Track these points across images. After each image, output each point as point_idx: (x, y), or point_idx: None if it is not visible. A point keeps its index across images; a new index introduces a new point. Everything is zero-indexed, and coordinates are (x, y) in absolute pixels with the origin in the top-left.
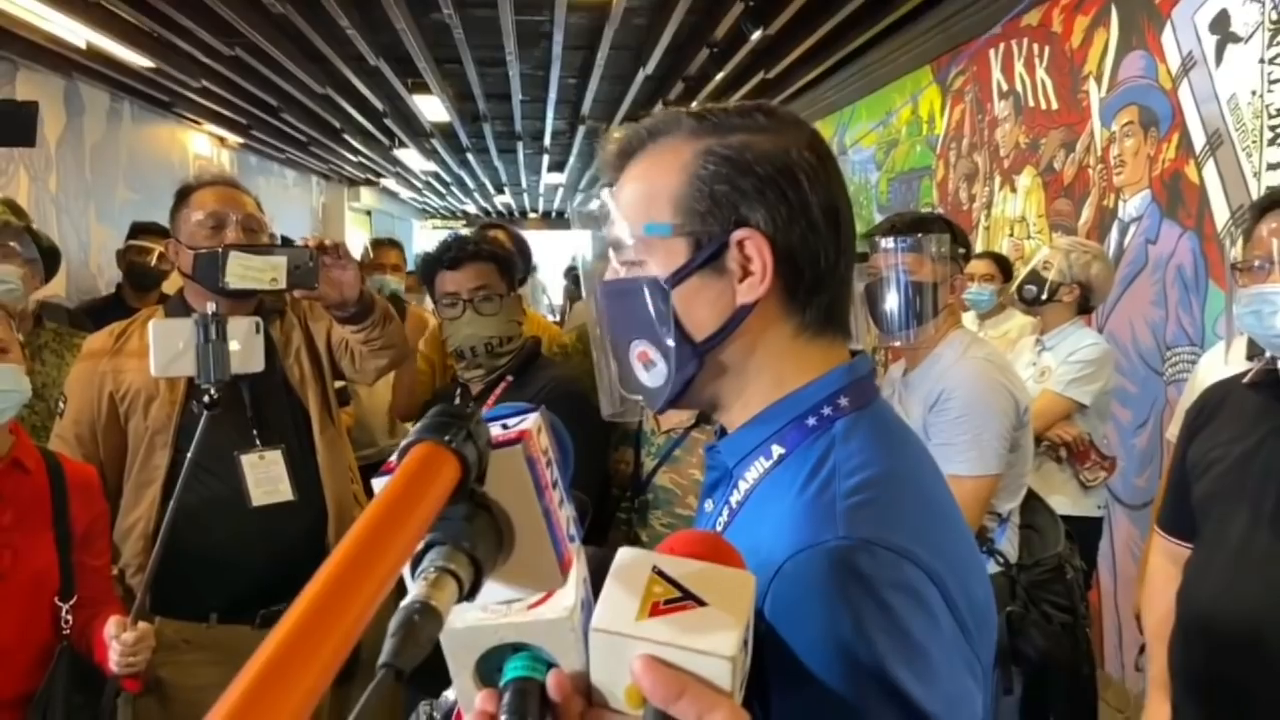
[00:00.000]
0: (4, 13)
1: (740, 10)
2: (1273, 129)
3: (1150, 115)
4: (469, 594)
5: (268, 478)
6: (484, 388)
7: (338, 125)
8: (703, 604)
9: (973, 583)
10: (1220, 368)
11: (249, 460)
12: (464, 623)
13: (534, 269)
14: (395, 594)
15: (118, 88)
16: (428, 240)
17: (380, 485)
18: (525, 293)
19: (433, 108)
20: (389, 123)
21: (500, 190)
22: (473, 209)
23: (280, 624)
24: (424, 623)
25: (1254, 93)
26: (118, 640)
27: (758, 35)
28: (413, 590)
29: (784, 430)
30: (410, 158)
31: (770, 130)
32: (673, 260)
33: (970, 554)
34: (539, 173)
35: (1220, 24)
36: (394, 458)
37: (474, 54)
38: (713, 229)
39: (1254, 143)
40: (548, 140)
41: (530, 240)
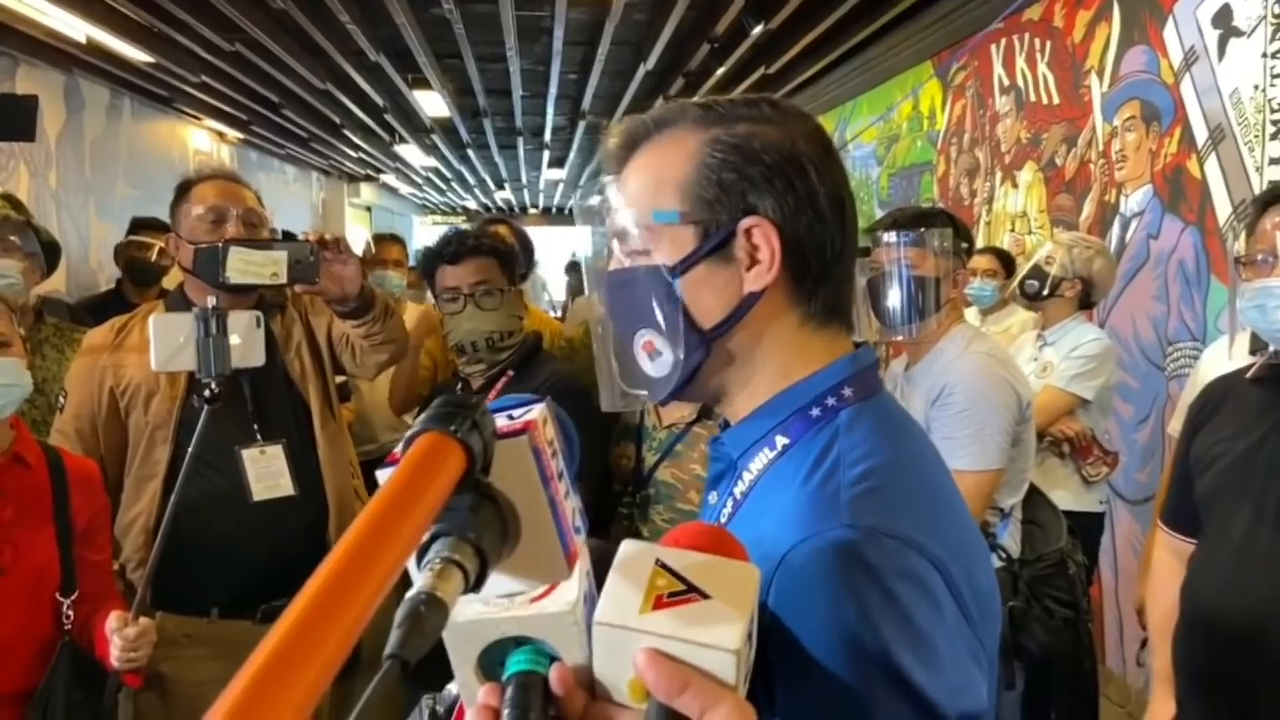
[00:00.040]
0: (4, 8)
1: (741, 5)
2: (1275, 123)
3: (1152, 110)
4: (474, 585)
5: (268, 472)
6: (485, 382)
7: (338, 121)
8: (706, 597)
9: (977, 571)
10: (1223, 362)
11: (250, 455)
12: (466, 616)
13: (535, 264)
14: (396, 588)
15: (118, 83)
16: (428, 236)
17: (385, 476)
18: (526, 288)
19: (433, 103)
20: (389, 118)
21: (500, 186)
22: (473, 205)
23: (285, 615)
24: (430, 614)
25: (1256, 87)
26: (119, 635)
27: (759, 30)
28: (418, 581)
29: (788, 421)
30: (410, 153)
31: (776, 121)
32: (680, 248)
33: (974, 543)
34: (539, 168)
35: (1222, 18)
36: (399, 448)
37: (474, 49)
38: (720, 217)
39: (1256, 137)
40: (548, 136)
41: (531, 236)
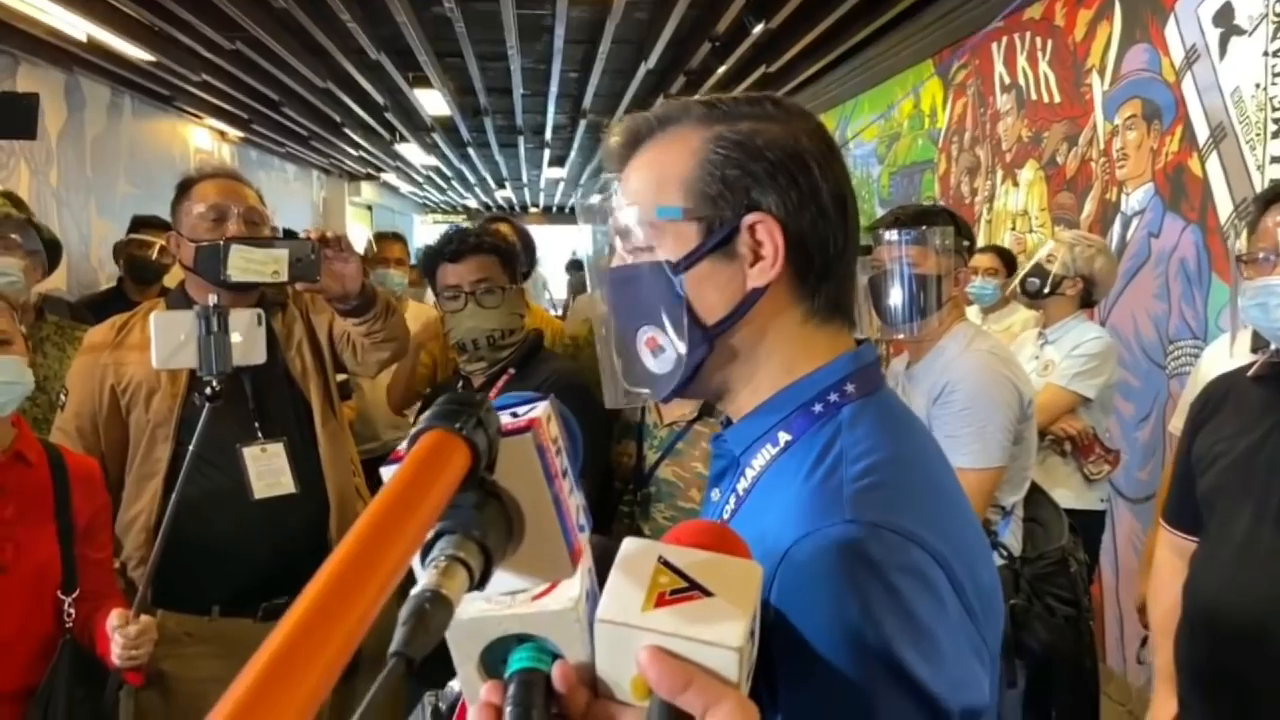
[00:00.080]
0: (5, 6)
1: (742, 4)
2: (1277, 121)
3: (1153, 108)
4: (479, 583)
5: (269, 470)
6: (486, 381)
7: (338, 119)
8: (709, 594)
9: (979, 567)
10: (1224, 360)
11: (251, 453)
12: (468, 614)
13: (536, 262)
14: (398, 586)
15: (118, 82)
16: (428, 235)
17: (390, 473)
18: (527, 287)
19: (434, 102)
20: (390, 117)
21: (501, 185)
22: (473, 204)
23: (289, 613)
24: (435, 611)
25: (1258, 85)
26: (120, 633)
27: (759, 29)
28: (423, 579)
29: (791, 417)
30: (411, 152)
31: (779, 118)
32: (683, 244)
33: (976, 539)
34: (540, 167)
35: (1224, 16)
36: (403, 445)
37: (475, 48)
38: (724, 213)
39: (1258, 135)
40: (549, 135)
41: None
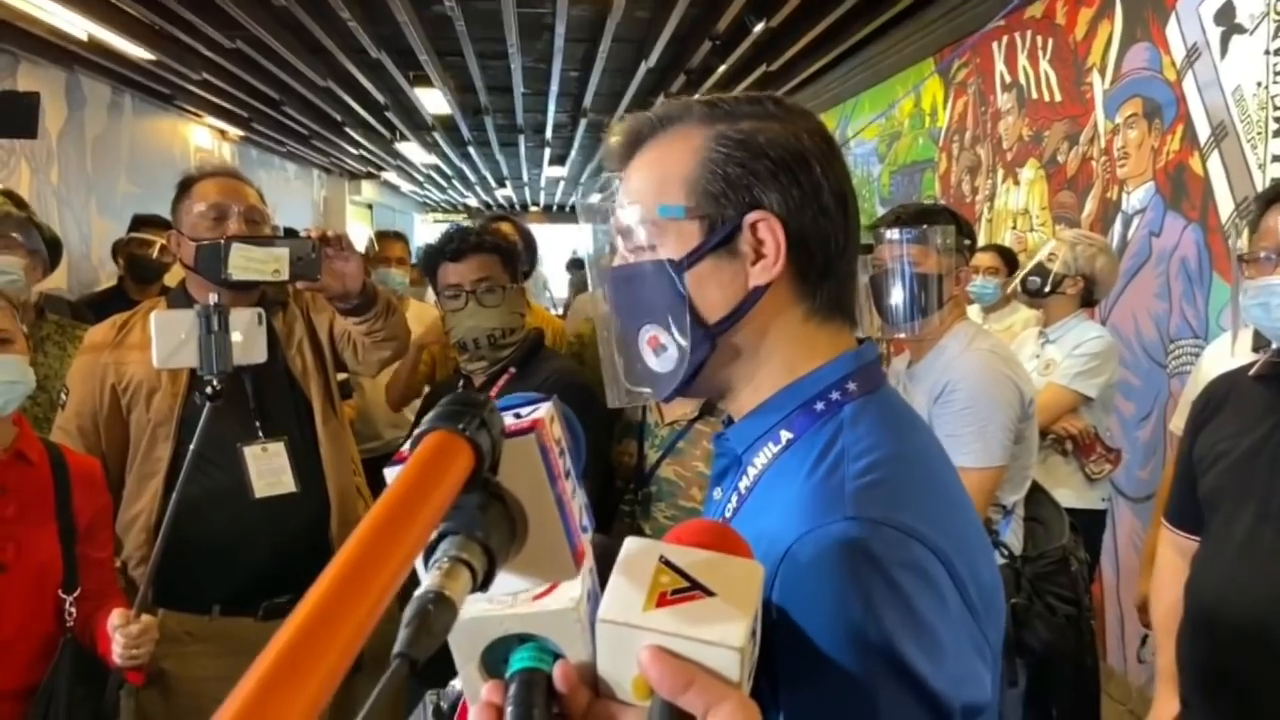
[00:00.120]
0: (5, 5)
1: (743, 3)
2: (1278, 120)
3: (1154, 107)
4: (482, 584)
5: (270, 469)
6: (486, 380)
7: (339, 118)
8: (710, 594)
9: (980, 565)
10: (1225, 359)
11: (251, 452)
12: (470, 614)
13: (538, 261)
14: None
15: (119, 80)
16: (429, 234)
17: (393, 474)
18: (528, 286)
19: (434, 100)
20: (390, 116)
21: (502, 184)
22: (474, 202)
23: (293, 615)
24: (438, 612)
25: (1259, 84)
26: (121, 632)
27: (760, 28)
28: (426, 580)
29: (792, 415)
30: (411, 151)
31: (779, 117)
32: (685, 243)
33: (978, 537)
34: (540, 166)
35: (1225, 15)
36: (406, 446)
37: (475, 46)
38: (726, 211)
39: (1259, 134)
40: (549, 133)
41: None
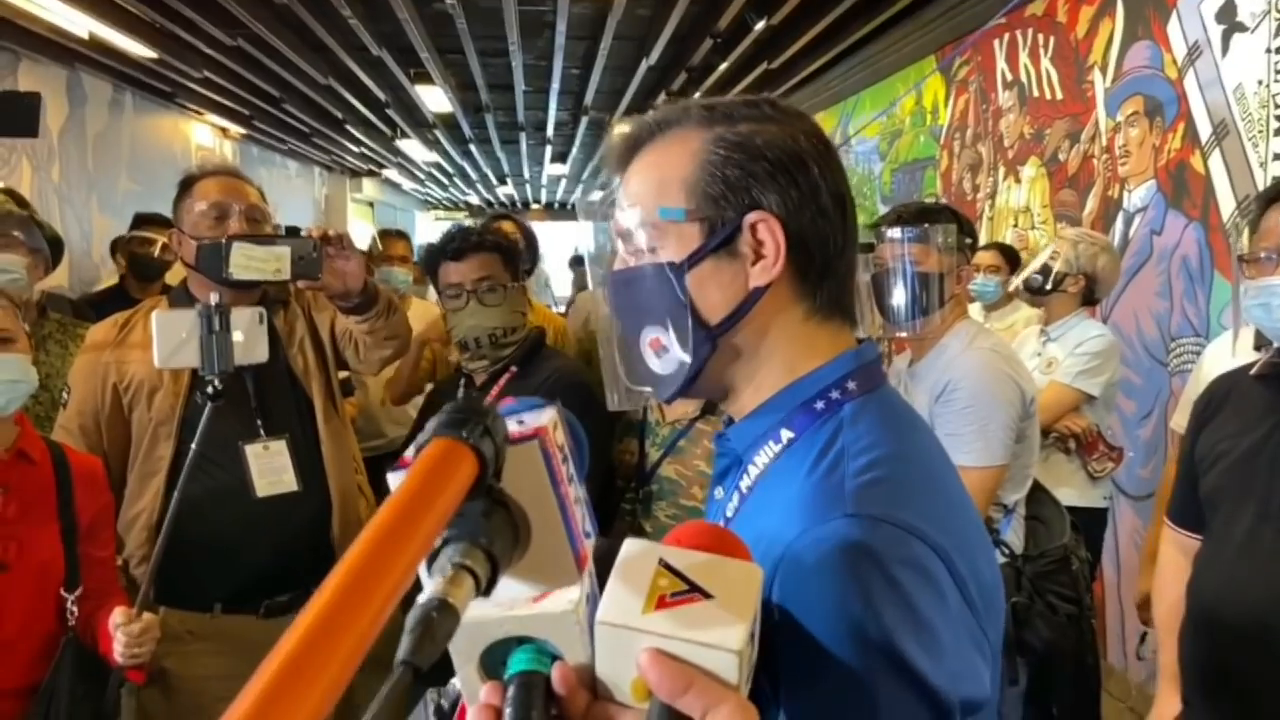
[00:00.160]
0: (6, 3)
1: (743, 1)
2: (1279, 118)
3: (1155, 105)
4: (485, 590)
5: (272, 468)
6: (488, 378)
7: (340, 116)
8: (709, 597)
9: (980, 563)
10: (1227, 358)
11: (253, 451)
12: (468, 616)
13: (540, 260)
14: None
15: (120, 78)
16: (431, 231)
17: (396, 480)
18: (529, 284)
19: (435, 98)
20: (391, 113)
21: (503, 181)
22: (475, 200)
23: (298, 621)
24: (442, 620)
25: (1260, 82)
26: (122, 631)
27: (761, 26)
28: (429, 587)
29: (793, 414)
30: (413, 148)
31: (777, 119)
32: (685, 245)
33: (978, 535)
34: (542, 164)
35: (1226, 13)
36: (409, 453)
37: (476, 44)
38: (726, 213)
39: (1260, 133)
40: (550, 131)
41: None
